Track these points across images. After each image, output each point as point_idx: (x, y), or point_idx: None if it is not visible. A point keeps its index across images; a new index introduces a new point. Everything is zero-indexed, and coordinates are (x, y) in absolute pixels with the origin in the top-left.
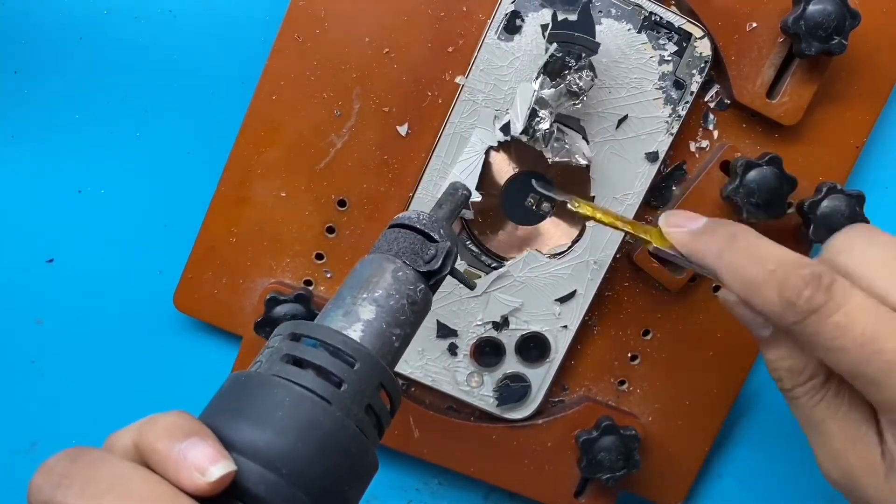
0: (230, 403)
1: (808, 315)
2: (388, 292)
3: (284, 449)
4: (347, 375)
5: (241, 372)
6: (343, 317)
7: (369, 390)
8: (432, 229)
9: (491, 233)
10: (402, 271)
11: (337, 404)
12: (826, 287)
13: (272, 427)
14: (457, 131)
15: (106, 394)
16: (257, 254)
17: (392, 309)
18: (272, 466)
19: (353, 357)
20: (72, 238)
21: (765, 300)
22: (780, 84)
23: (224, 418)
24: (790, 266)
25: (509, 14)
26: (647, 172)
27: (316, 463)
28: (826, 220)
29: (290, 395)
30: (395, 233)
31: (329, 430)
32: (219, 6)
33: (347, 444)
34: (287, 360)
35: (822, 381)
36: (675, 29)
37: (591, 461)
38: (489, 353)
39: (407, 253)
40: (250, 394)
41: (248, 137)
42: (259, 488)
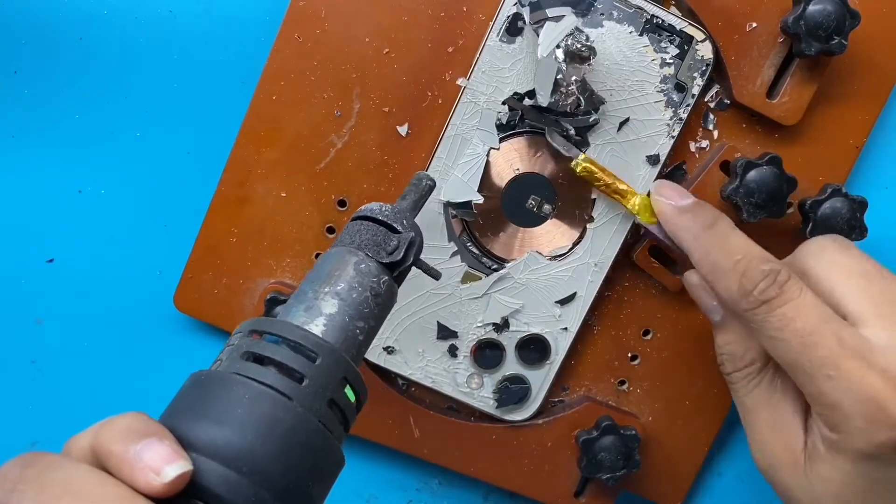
0: (189, 403)
1: (759, 304)
2: (351, 285)
3: (245, 447)
4: (308, 370)
5: (201, 371)
6: (305, 312)
7: (332, 385)
8: (395, 220)
9: (492, 234)
10: (365, 263)
11: (298, 400)
12: (780, 283)
13: (232, 425)
14: (458, 133)
15: (106, 394)
16: (257, 254)
17: (355, 302)
18: (233, 465)
19: (314, 352)
20: (72, 238)
21: (726, 286)
22: (780, 84)
23: (183, 418)
24: (754, 259)
25: (511, 16)
26: (648, 175)
27: (278, 460)
28: (826, 221)
29: (249, 393)
30: (358, 225)
31: (290, 426)
32: (219, 6)
33: (310, 439)
34: (247, 358)
35: (759, 368)
36: (676, 32)
37: (591, 461)
38: (489, 355)
39: (369, 245)
40: (210, 393)
41: (249, 137)
42: (220, 488)
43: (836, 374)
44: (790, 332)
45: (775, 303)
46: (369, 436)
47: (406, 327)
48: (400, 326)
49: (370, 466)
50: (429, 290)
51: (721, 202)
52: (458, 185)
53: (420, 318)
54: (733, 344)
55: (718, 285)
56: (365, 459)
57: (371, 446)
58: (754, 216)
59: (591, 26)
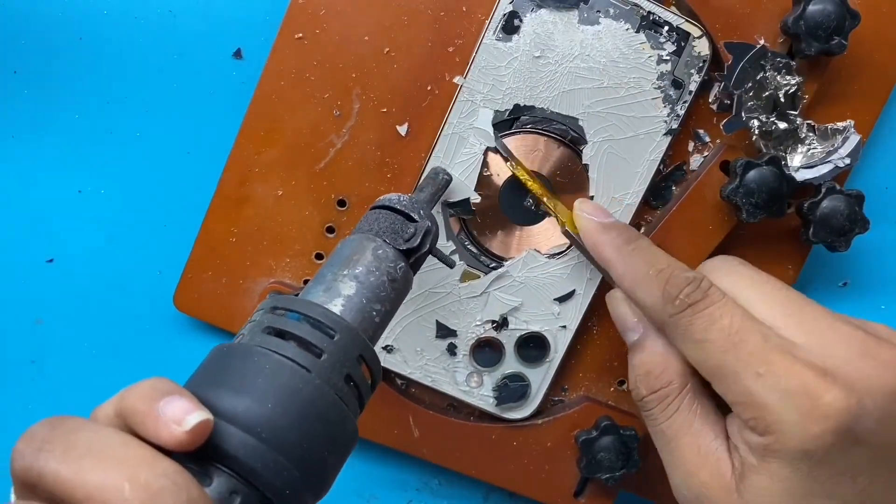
0: (212, 373)
1: (685, 307)
2: (369, 269)
3: (264, 414)
4: (327, 346)
5: (223, 344)
6: (324, 292)
7: (349, 361)
8: (412, 210)
9: (490, 233)
10: (383, 249)
11: (317, 373)
12: (704, 289)
13: (252, 393)
14: (455, 131)
15: (106, 394)
16: (257, 254)
17: (372, 285)
18: (252, 431)
19: (332, 329)
20: (72, 238)
21: (650, 293)
22: None
23: (205, 386)
24: (676, 268)
25: (507, 14)
26: (646, 172)
27: (295, 428)
28: (825, 221)
29: (269, 364)
30: (377, 213)
31: (309, 397)
32: (219, 6)
33: (327, 411)
34: (268, 332)
35: (677, 388)
36: (673, 28)
37: (590, 461)
38: (489, 354)
39: (387, 232)
40: (231, 363)
41: (248, 137)
42: (239, 451)
43: (764, 371)
44: (716, 331)
45: (700, 305)
46: (369, 436)
47: (405, 326)
48: (399, 326)
49: (370, 466)
50: (428, 288)
51: (721, 202)
52: (455, 184)
53: (419, 316)
54: (649, 363)
55: (641, 294)
56: (365, 459)
57: (371, 446)
58: (754, 216)
59: (587, 24)
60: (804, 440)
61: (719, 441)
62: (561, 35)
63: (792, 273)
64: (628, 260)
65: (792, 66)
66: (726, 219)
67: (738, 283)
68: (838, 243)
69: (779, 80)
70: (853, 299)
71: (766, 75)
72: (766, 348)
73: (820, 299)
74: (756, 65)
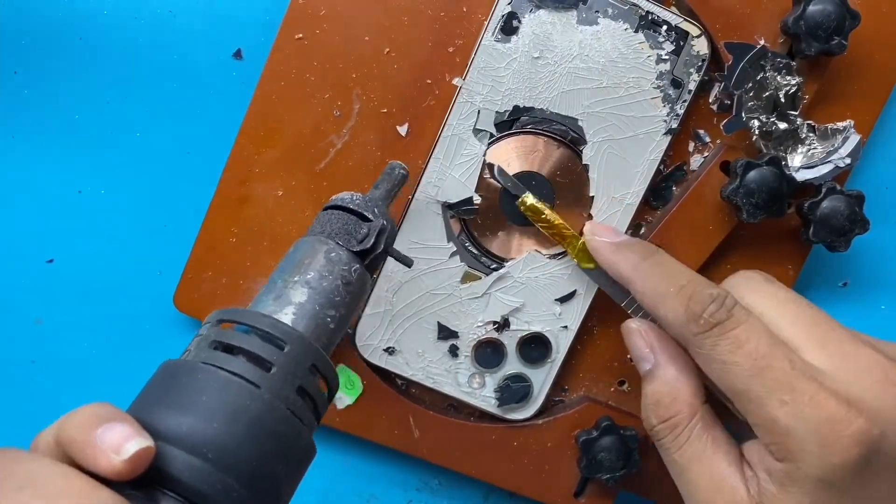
0: (156, 392)
1: (710, 328)
2: (321, 274)
3: (209, 433)
4: (277, 359)
5: (169, 361)
6: (274, 301)
7: (300, 372)
8: (366, 209)
9: (490, 234)
10: (336, 252)
11: (266, 388)
12: (728, 307)
13: (196, 412)
14: (455, 133)
15: (106, 394)
16: (257, 254)
17: (325, 290)
18: (197, 452)
19: (282, 340)
20: (72, 238)
21: (672, 310)
22: None
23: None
24: (699, 284)
25: (506, 15)
26: (646, 172)
27: (244, 447)
28: (826, 221)
29: (215, 381)
30: (329, 214)
31: (257, 413)
32: (219, 6)
33: (277, 426)
34: (215, 347)
35: (687, 417)
36: (672, 27)
37: (590, 461)
38: (490, 354)
39: (340, 233)
40: (176, 382)
41: (248, 137)
42: (184, 474)
43: (790, 399)
44: (742, 354)
45: (727, 325)
46: (368, 436)
47: (406, 329)
48: (400, 328)
49: (370, 466)
50: (428, 290)
51: (721, 203)
52: (455, 186)
53: (420, 318)
54: (659, 392)
55: (663, 311)
56: (365, 459)
57: (371, 446)
58: (754, 216)
59: (585, 24)
60: (825, 469)
61: (733, 468)
62: (560, 35)
63: (792, 273)
64: (647, 277)
65: (792, 67)
66: (726, 219)
67: (764, 302)
68: (838, 243)
69: (779, 80)
70: (853, 299)
71: (766, 75)
72: (792, 375)
73: (820, 299)
74: (756, 65)
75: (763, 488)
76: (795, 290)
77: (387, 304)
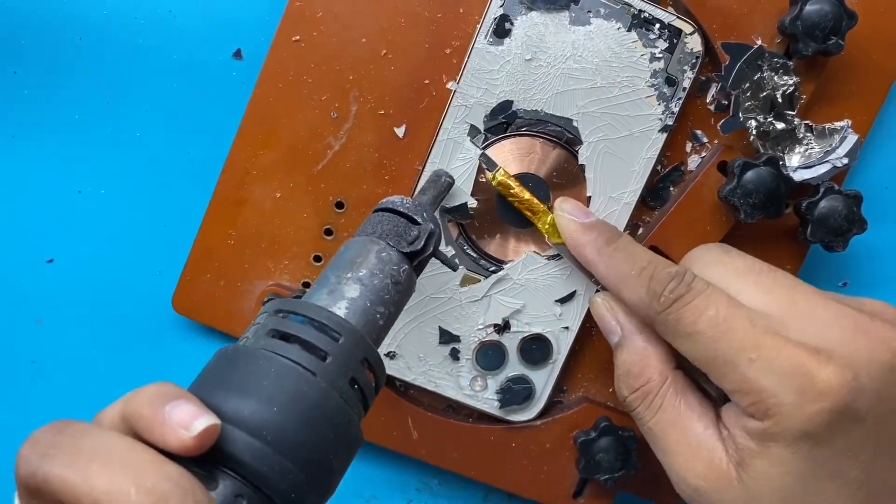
0: (216, 376)
1: (671, 303)
2: (372, 272)
3: (269, 417)
4: (332, 349)
5: (227, 347)
6: (328, 295)
7: (353, 364)
8: (415, 212)
9: (488, 237)
10: (386, 252)
11: (322, 376)
12: (688, 282)
13: (257, 397)
14: (450, 137)
15: (106, 394)
16: (255, 256)
17: (376, 288)
18: (258, 434)
19: (337, 332)
20: (72, 238)
21: (635, 292)
22: None
23: (210, 389)
24: (659, 265)
25: (498, 18)
26: (643, 170)
27: (301, 431)
28: (823, 221)
29: (275, 367)
30: (380, 216)
31: (314, 400)
32: (218, 7)
33: (332, 414)
34: (273, 335)
35: (657, 384)
36: (665, 25)
37: (589, 462)
38: (492, 357)
39: (391, 235)
40: (236, 367)
41: (246, 140)
42: (245, 455)
43: (756, 355)
44: (704, 322)
45: (686, 297)
46: (368, 437)
47: (407, 333)
48: (401, 333)
49: (370, 467)
50: (428, 294)
51: (719, 203)
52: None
53: (421, 322)
54: (628, 363)
55: (627, 294)
56: (365, 460)
57: (371, 446)
58: (752, 217)
59: (578, 24)
60: (803, 420)
61: (710, 431)
62: (552, 37)
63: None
64: (610, 261)
65: (789, 66)
66: (724, 219)
67: (724, 273)
68: (836, 243)
69: (776, 80)
70: None
71: (763, 75)
72: (754, 333)
73: None
74: (753, 65)
75: (741, 446)
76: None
77: None
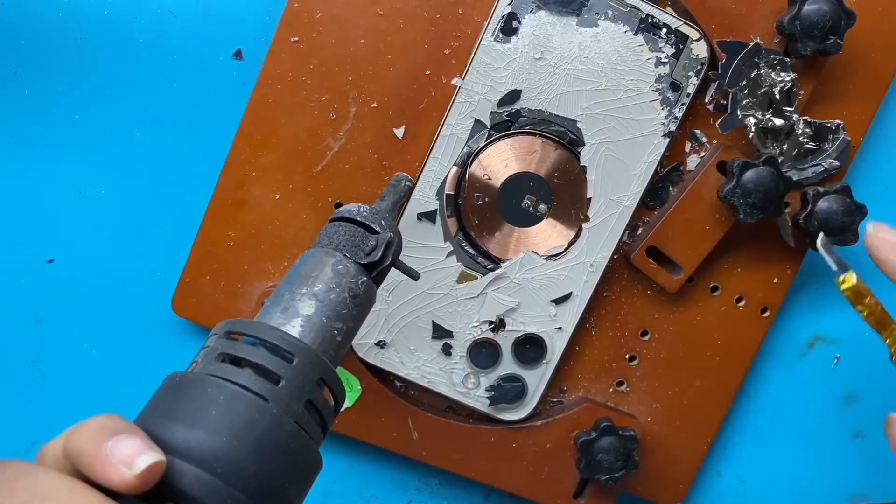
0: (163, 405)
1: None
2: (329, 286)
3: (219, 448)
4: (285, 371)
5: (176, 373)
6: (282, 313)
7: (309, 386)
8: (373, 221)
9: (487, 234)
10: (343, 264)
11: (274, 401)
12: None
13: (206, 426)
14: (453, 133)
15: (105, 394)
16: (255, 257)
17: (332, 303)
18: (206, 466)
19: (290, 353)
20: (72, 238)
21: None
22: None
23: (157, 420)
24: None
25: (506, 16)
26: (644, 174)
27: (252, 461)
28: (826, 225)
29: (224, 394)
30: (336, 226)
31: (266, 428)
32: (218, 7)
33: (286, 440)
34: (222, 359)
35: None
36: (671, 31)
37: (589, 462)
38: (485, 355)
39: (347, 245)
40: (184, 395)
41: (245, 141)
42: (193, 489)
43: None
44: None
45: None
46: (368, 438)
47: (402, 327)
48: (396, 326)
49: (370, 467)
50: (424, 289)
51: (718, 203)
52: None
53: (416, 317)
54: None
55: None
56: (365, 459)
57: (371, 446)
58: (751, 216)
59: (585, 26)
60: None
61: None
62: (559, 37)
63: (790, 273)
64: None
65: (786, 63)
66: (723, 219)
67: None
68: (846, 239)
69: (773, 76)
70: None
71: (760, 73)
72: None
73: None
74: (750, 62)
75: None
76: (793, 290)
77: (383, 303)
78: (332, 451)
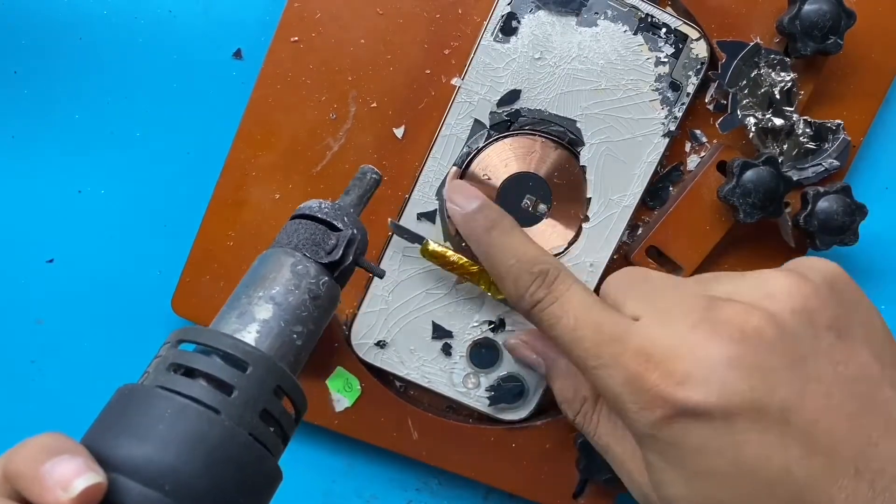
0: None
1: (532, 306)
2: (287, 288)
3: (166, 464)
4: (238, 381)
5: (126, 385)
6: (237, 318)
7: (264, 395)
8: (335, 217)
9: None
10: (302, 264)
11: (226, 412)
12: (549, 283)
13: (152, 442)
14: (453, 133)
15: (106, 395)
16: (255, 257)
17: (291, 306)
18: (154, 484)
19: (244, 361)
20: (72, 238)
21: (506, 291)
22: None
23: (103, 436)
24: (525, 262)
25: (505, 15)
26: (644, 174)
27: (203, 476)
28: (826, 226)
29: (172, 407)
30: (296, 224)
31: (217, 441)
32: (219, 6)
33: (239, 453)
34: (174, 370)
35: (593, 402)
36: (671, 30)
37: (589, 462)
38: (485, 355)
39: (307, 244)
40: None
41: (245, 141)
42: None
43: (597, 364)
44: (561, 328)
45: (545, 302)
46: (367, 438)
47: (402, 327)
48: (396, 326)
49: (370, 466)
50: (424, 289)
51: (718, 203)
52: None
53: (416, 317)
54: (562, 388)
55: (503, 290)
56: (365, 459)
57: (371, 446)
58: (751, 216)
59: (585, 25)
60: (646, 426)
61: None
62: (559, 37)
63: None
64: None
65: (786, 63)
66: (723, 219)
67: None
68: (847, 239)
69: (773, 76)
70: None
71: (760, 72)
72: (598, 340)
73: None
74: (750, 62)
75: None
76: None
77: (383, 303)
78: (332, 451)
